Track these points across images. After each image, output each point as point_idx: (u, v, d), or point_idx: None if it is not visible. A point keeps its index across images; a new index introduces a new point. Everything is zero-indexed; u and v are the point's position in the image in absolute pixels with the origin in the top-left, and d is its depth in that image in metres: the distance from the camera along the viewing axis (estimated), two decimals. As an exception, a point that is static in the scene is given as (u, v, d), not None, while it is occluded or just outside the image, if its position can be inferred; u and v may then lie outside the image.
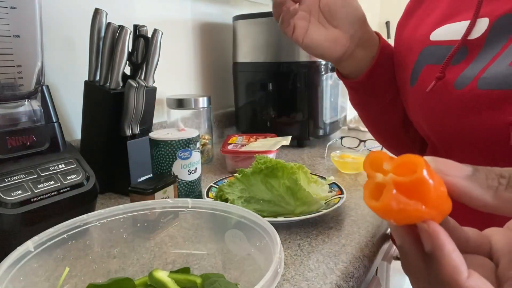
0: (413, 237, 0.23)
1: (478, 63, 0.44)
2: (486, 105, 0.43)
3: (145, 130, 0.78)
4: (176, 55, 1.10)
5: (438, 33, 0.51)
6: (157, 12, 1.02)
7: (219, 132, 1.24)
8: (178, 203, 0.46)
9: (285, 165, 0.62)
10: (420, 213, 0.21)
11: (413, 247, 0.23)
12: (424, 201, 0.21)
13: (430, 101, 0.50)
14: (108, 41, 0.70)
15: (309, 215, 0.59)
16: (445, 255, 0.21)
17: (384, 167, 0.22)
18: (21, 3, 0.50)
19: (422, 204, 0.21)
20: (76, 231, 0.41)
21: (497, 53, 0.43)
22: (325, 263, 0.50)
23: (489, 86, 0.42)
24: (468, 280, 0.21)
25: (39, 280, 0.37)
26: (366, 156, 0.24)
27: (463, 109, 0.45)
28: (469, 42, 0.46)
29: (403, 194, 0.21)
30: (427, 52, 0.51)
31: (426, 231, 0.21)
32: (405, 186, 0.21)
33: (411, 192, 0.21)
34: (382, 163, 0.22)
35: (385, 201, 0.21)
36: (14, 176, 0.50)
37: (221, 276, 0.42)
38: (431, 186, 0.20)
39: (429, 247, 0.22)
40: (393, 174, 0.21)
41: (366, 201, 0.22)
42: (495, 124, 0.42)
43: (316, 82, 1.06)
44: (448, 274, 0.21)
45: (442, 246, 0.21)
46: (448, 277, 0.21)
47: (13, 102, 0.53)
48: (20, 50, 0.51)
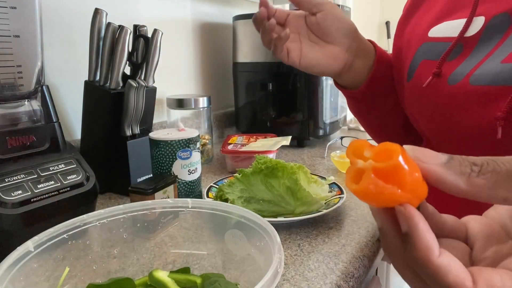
0: (392, 219, 0.24)
1: (472, 60, 0.45)
2: (475, 101, 0.43)
3: (145, 130, 0.78)
4: (176, 55, 1.10)
5: (436, 30, 0.51)
6: (157, 12, 1.02)
7: (219, 132, 1.24)
8: (178, 203, 0.46)
9: (285, 165, 0.62)
10: (396, 196, 0.22)
11: (391, 228, 0.25)
12: (400, 185, 0.22)
13: (424, 96, 0.50)
14: (108, 41, 0.70)
15: (309, 215, 0.59)
16: (418, 234, 0.22)
17: (365, 154, 0.24)
18: (21, 3, 0.50)
19: (398, 188, 0.22)
20: (76, 231, 0.41)
21: (490, 51, 0.44)
22: (325, 263, 0.50)
23: (480, 82, 0.43)
24: (439, 258, 0.22)
25: (39, 280, 0.37)
26: (349, 144, 0.25)
27: (454, 105, 0.46)
28: (465, 39, 0.47)
29: (381, 178, 0.22)
30: (424, 48, 0.52)
31: (403, 213, 0.23)
32: (382, 172, 0.23)
33: (388, 177, 0.22)
34: (363, 150, 0.24)
35: (364, 185, 0.23)
36: (14, 176, 0.50)
37: (221, 276, 0.42)
38: (406, 172, 0.22)
39: (405, 228, 0.23)
40: (372, 161, 0.23)
41: (347, 184, 0.24)
42: (483, 120, 0.43)
43: (316, 82, 1.06)
44: (421, 252, 0.22)
45: (416, 226, 0.22)
46: (421, 255, 0.22)
47: (13, 102, 0.53)
48: (20, 50, 0.51)
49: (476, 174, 0.22)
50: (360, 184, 0.23)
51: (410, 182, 0.22)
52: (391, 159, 0.22)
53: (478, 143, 0.45)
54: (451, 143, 0.50)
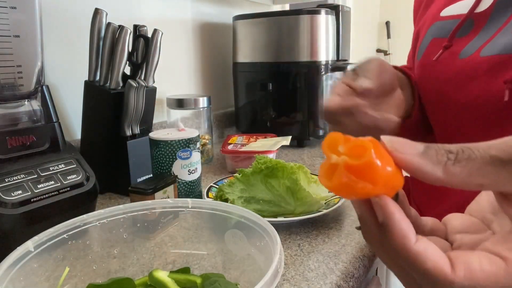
0: (370, 208, 0.25)
1: (483, 35, 0.46)
2: (484, 70, 0.44)
3: (145, 130, 0.78)
4: (176, 55, 1.10)
5: (448, 10, 0.52)
6: (157, 12, 1.02)
7: (219, 132, 1.24)
8: (178, 203, 0.46)
9: (285, 165, 0.62)
10: (367, 190, 0.23)
11: (370, 217, 0.25)
12: (372, 181, 0.23)
13: (435, 71, 0.51)
14: (108, 41, 0.70)
15: (309, 215, 0.59)
16: (394, 223, 0.23)
17: (339, 149, 0.25)
18: (21, 3, 0.50)
19: (371, 184, 0.23)
20: (76, 231, 0.41)
21: (501, 25, 0.44)
22: (325, 263, 0.50)
23: (490, 53, 0.44)
24: (415, 244, 0.22)
25: (39, 280, 0.37)
26: (325, 137, 0.26)
27: (463, 76, 0.47)
28: (476, 15, 0.47)
29: (353, 174, 0.23)
30: (436, 26, 0.53)
31: (378, 203, 0.23)
32: (355, 168, 0.23)
33: (361, 173, 0.23)
34: (338, 144, 0.25)
35: (336, 181, 0.23)
36: (14, 176, 0.50)
37: (221, 276, 0.42)
38: (379, 168, 0.23)
39: (381, 217, 0.23)
40: (346, 156, 0.24)
41: (320, 179, 0.25)
42: (492, 86, 0.43)
43: (316, 82, 1.06)
44: (398, 240, 0.23)
45: (392, 215, 0.23)
46: (398, 242, 0.23)
47: (13, 102, 0.53)
48: (20, 50, 0.51)
49: (452, 162, 0.22)
50: (333, 180, 0.24)
51: (382, 177, 0.23)
52: (363, 156, 0.23)
53: (484, 112, 0.45)
54: (456, 118, 0.50)
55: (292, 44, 1.05)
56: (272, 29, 1.07)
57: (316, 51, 1.05)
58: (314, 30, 1.05)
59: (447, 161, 0.22)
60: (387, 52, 3.42)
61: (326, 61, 1.07)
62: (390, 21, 3.39)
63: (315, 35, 1.05)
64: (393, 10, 3.34)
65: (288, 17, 1.05)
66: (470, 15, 0.48)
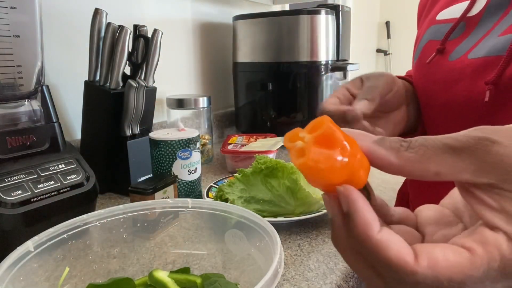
0: (339, 204, 0.25)
1: (473, 38, 0.48)
2: (469, 72, 0.46)
3: (145, 130, 0.78)
4: (176, 55, 1.10)
5: (444, 13, 0.53)
6: (157, 12, 1.02)
7: (219, 132, 1.24)
8: (178, 203, 0.46)
9: (285, 165, 0.62)
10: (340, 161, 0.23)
11: (339, 216, 0.25)
12: (342, 148, 0.23)
13: (428, 73, 0.52)
14: (108, 41, 0.70)
15: (309, 215, 0.59)
16: (357, 210, 0.23)
17: (300, 135, 0.25)
18: (21, 3, 0.50)
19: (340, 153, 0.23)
20: (76, 231, 0.41)
21: (490, 28, 0.46)
22: (325, 263, 0.50)
23: (476, 56, 0.45)
24: (378, 233, 0.22)
25: (39, 280, 0.37)
26: (284, 136, 0.26)
27: (450, 79, 0.48)
28: (468, 19, 0.49)
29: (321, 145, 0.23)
30: (432, 30, 0.54)
31: (342, 192, 0.23)
32: (321, 139, 0.23)
33: (328, 143, 0.23)
34: (298, 134, 0.25)
35: (310, 156, 0.23)
36: (14, 176, 0.50)
37: (221, 276, 0.42)
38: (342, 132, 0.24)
39: (346, 207, 0.23)
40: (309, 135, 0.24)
41: (293, 161, 0.24)
42: (475, 88, 0.45)
43: (316, 82, 1.06)
44: (360, 228, 0.22)
45: (354, 203, 0.23)
46: (360, 231, 0.22)
47: (13, 102, 0.53)
48: (20, 50, 0.51)
49: (405, 148, 0.23)
50: (306, 157, 0.23)
51: (349, 142, 0.23)
52: (322, 126, 0.23)
53: (469, 113, 0.47)
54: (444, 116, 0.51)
55: (292, 44, 1.05)
56: (272, 29, 1.07)
57: (316, 51, 1.06)
58: (314, 30, 1.05)
59: (400, 147, 0.23)
60: (387, 52, 3.42)
61: (326, 61, 1.07)
62: (390, 21, 3.39)
63: (315, 35, 1.05)
64: (393, 10, 3.34)
65: (288, 17, 1.05)
66: (462, 19, 0.49)
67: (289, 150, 0.25)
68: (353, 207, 0.23)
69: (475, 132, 0.22)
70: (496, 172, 0.22)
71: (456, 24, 0.50)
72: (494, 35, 0.44)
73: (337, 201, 0.24)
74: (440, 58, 0.50)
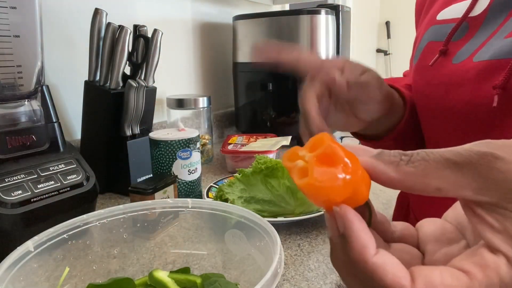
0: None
1: (477, 39, 0.46)
2: (474, 75, 0.44)
3: (145, 130, 0.78)
4: (176, 55, 1.10)
5: (443, 13, 0.52)
6: (157, 12, 1.02)
7: (219, 132, 1.24)
8: (178, 203, 0.46)
9: (285, 165, 0.62)
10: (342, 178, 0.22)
11: (338, 238, 0.24)
12: (344, 166, 0.22)
13: (430, 75, 0.50)
14: (108, 41, 0.70)
15: (309, 215, 0.59)
16: (352, 232, 0.22)
17: (300, 154, 0.24)
18: (21, 3, 0.50)
19: (343, 170, 0.22)
20: (76, 231, 0.41)
21: (495, 30, 0.44)
22: (325, 263, 0.50)
23: (481, 58, 0.43)
24: (374, 256, 0.21)
25: (39, 280, 0.37)
26: (283, 156, 0.25)
27: (453, 82, 0.46)
28: (470, 19, 0.47)
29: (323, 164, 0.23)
30: (432, 30, 0.52)
31: (338, 212, 0.23)
32: (323, 157, 0.23)
33: (327, 159, 0.23)
34: (297, 153, 0.24)
35: (313, 176, 0.22)
36: (14, 176, 0.50)
37: (221, 276, 0.42)
38: (343, 149, 0.23)
39: (342, 227, 0.23)
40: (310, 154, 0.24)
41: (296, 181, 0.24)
42: (480, 92, 0.43)
43: (316, 82, 1.06)
44: (356, 251, 0.22)
45: (350, 224, 0.22)
46: (356, 254, 0.22)
47: (13, 102, 0.53)
48: (20, 50, 0.51)
49: (405, 162, 0.22)
50: (309, 176, 0.23)
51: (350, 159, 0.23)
52: (323, 144, 0.23)
53: (473, 118, 0.45)
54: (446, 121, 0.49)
55: (292, 44, 1.05)
56: (272, 29, 1.07)
57: (316, 51, 1.05)
58: (314, 30, 1.05)
59: (400, 161, 0.22)
60: (387, 52, 3.43)
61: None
62: (390, 21, 3.40)
63: (315, 35, 1.05)
64: (393, 10, 3.34)
65: (288, 17, 1.05)
66: (464, 19, 0.47)
67: (289, 170, 0.25)
68: (349, 229, 0.22)
69: (479, 146, 0.21)
70: (499, 190, 0.21)
71: (459, 25, 0.48)
72: (500, 37, 0.43)
73: (335, 221, 0.24)
74: (443, 60, 0.48)
